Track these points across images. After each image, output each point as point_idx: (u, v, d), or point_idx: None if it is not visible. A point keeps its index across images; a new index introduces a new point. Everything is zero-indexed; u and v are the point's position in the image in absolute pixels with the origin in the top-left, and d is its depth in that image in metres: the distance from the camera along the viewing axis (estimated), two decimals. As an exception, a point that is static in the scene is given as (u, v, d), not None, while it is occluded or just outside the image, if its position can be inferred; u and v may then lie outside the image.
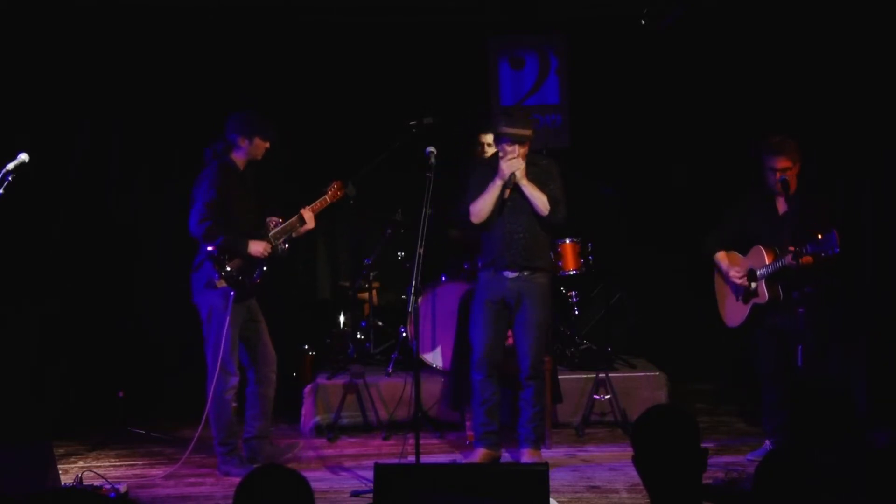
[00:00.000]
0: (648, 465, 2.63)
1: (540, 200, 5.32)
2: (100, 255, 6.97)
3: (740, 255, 5.45)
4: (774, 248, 5.22)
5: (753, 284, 5.30)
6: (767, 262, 5.21)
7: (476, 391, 5.47)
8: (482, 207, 5.36)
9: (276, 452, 5.61)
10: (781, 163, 5.24)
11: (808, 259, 4.95)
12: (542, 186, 5.35)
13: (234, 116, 5.47)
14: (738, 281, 5.35)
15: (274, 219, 5.52)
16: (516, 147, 5.27)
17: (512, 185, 5.30)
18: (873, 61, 6.33)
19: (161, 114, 7.13)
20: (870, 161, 6.45)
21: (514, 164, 5.27)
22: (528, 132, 5.30)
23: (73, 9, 6.61)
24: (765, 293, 5.25)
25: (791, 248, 4.96)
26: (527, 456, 5.41)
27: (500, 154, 5.33)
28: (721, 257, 5.51)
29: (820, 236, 4.85)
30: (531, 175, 5.35)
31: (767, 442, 5.47)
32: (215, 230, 5.25)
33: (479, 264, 5.53)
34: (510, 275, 5.39)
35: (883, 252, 6.19)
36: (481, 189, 5.38)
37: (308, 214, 5.57)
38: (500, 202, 5.33)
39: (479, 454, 5.46)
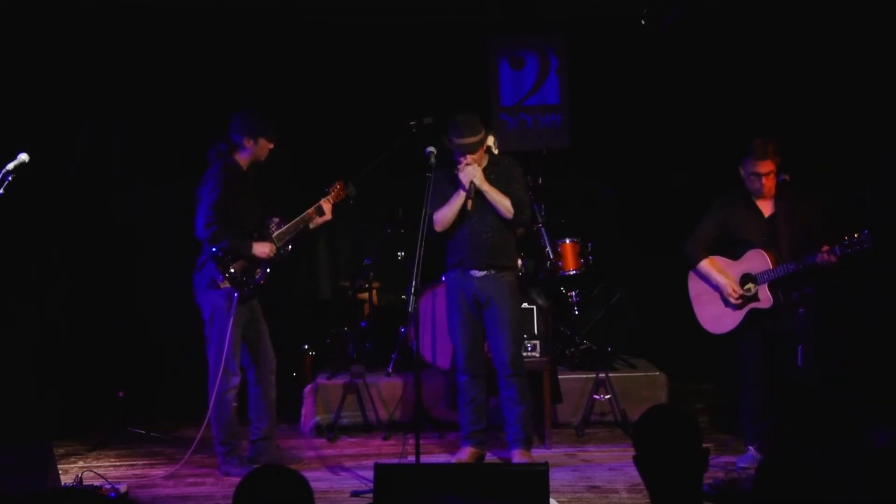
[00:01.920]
0: (649, 465, 2.63)
1: (503, 205, 5.34)
2: (100, 256, 6.98)
3: (727, 260, 5.33)
4: (773, 252, 5.15)
5: (750, 289, 5.25)
6: (770, 266, 5.15)
7: (463, 392, 5.48)
8: (445, 216, 5.38)
9: (280, 457, 5.60)
10: (766, 167, 5.18)
11: (835, 258, 4.93)
12: (504, 189, 5.36)
13: (239, 116, 5.46)
14: (735, 301, 5.22)
15: (276, 220, 5.52)
16: (468, 156, 5.29)
17: (474, 193, 5.30)
18: (873, 61, 6.34)
19: (161, 114, 7.13)
20: (870, 161, 6.45)
21: (469, 171, 5.29)
22: (476, 138, 5.28)
23: (73, 9, 6.61)
24: (768, 297, 5.15)
25: (825, 248, 4.92)
26: (518, 457, 5.39)
27: (458, 165, 5.33)
28: (707, 266, 5.36)
29: (857, 235, 4.82)
30: (493, 176, 5.37)
31: (751, 448, 5.35)
32: (220, 233, 5.25)
33: (448, 264, 5.52)
34: (477, 274, 5.39)
35: (883, 252, 6.18)
36: (443, 196, 5.38)
37: (328, 206, 5.57)
38: (464, 211, 5.34)
39: (468, 453, 5.46)
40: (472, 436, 5.48)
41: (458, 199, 5.35)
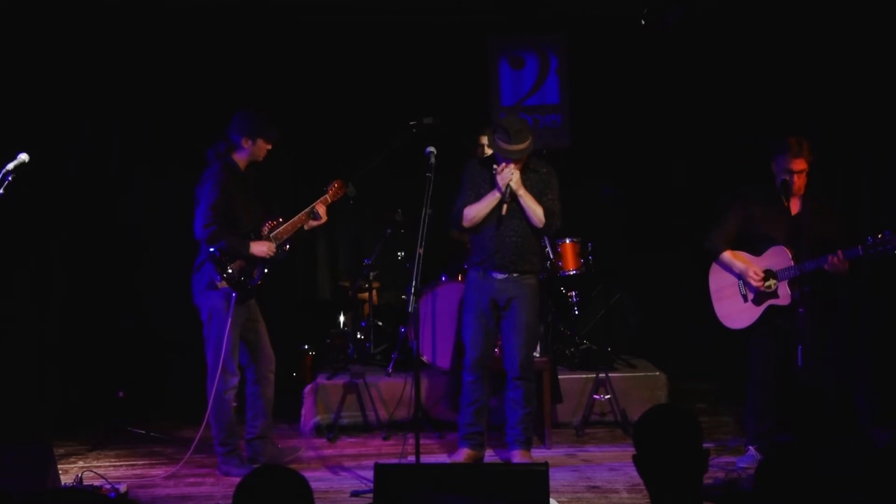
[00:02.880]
0: (650, 465, 2.63)
1: (536, 214, 5.32)
2: (100, 255, 6.98)
3: (750, 255, 5.31)
4: (795, 249, 5.11)
5: (771, 285, 5.23)
6: (793, 263, 5.11)
7: (466, 392, 5.47)
8: (476, 215, 5.36)
9: (278, 454, 5.61)
10: (799, 164, 5.17)
11: (847, 264, 4.91)
12: (539, 196, 5.34)
13: (237, 116, 5.45)
14: (757, 284, 5.19)
15: (270, 223, 5.50)
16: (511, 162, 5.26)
17: (510, 197, 5.28)
18: (873, 59, 6.33)
19: (161, 114, 7.14)
20: (870, 160, 6.45)
21: (507, 174, 5.25)
22: (524, 146, 5.21)
23: (74, 9, 6.61)
24: (788, 294, 5.12)
25: (840, 253, 4.88)
26: (518, 457, 5.39)
27: (496, 167, 5.29)
28: (730, 257, 5.34)
29: (880, 235, 4.79)
30: (529, 183, 5.34)
31: (751, 448, 5.35)
32: (219, 234, 5.25)
33: (469, 264, 5.51)
34: (499, 276, 5.38)
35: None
36: (476, 193, 5.36)
37: (322, 208, 5.56)
38: (498, 213, 5.32)
39: (464, 454, 5.45)
40: (470, 437, 5.48)
41: (491, 199, 5.31)
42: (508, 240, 5.35)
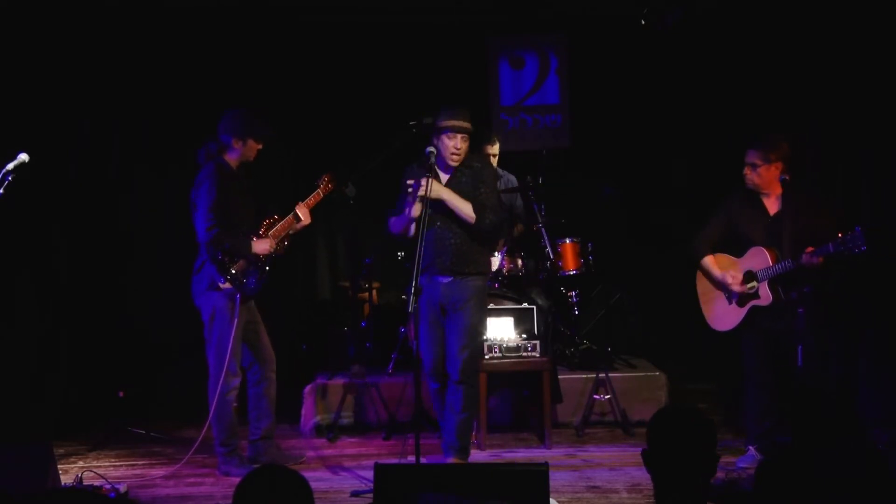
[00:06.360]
0: (659, 462, 2.63)
1: (464, 211, 5.23)
2: (100, 255, 6.98)
3: (731, 257, 5.34)
4: (775, 249, 5.15)
5: (754, 286, 5.24)
6: (771, 264, 5.14)
7: (437, 400, 5.43)
8: (399, 224, 5.33)
9: (280, 457, 5.60)
10: (749, 156, 5.23)
11: (820, 259, 4.92)
12: (472, 190, 5.27)
13: (227, 117, 5.43)
14: (738, 289, 5.24)
15: (266, 220, 5.50)
16: (452, 156, 5.22)
17: (430, 207, 5.07)
18: (873, 60, 6.33)
19: (161, 113, 7.14)
20: (870, 160, 6.45)
21: (426, 186, 5.06)
22: (468, 124, 5.23)
23: (74, 9, 6.61)
24: (768, 295, 5.15)
25: (809, 249, 4.90)
26: None
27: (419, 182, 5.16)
28: (710, 262, 5.39)
29: (841, 234, 4.76)
30: (463, 178, 5.30)
31: (751, 449, 5.35)
32: (222, 236, 5.25)
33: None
34: (444, 280, 5.31)
35: (882, 252, 6.17)
36: (401, 204, 5.30)
37: (303, 211, 5.54)
38: (423, 222, 5.08)
39: (453, 458, 5.42)
40: None
41: (411, 209, 5.24)
42: (448, 242, 5.27)
